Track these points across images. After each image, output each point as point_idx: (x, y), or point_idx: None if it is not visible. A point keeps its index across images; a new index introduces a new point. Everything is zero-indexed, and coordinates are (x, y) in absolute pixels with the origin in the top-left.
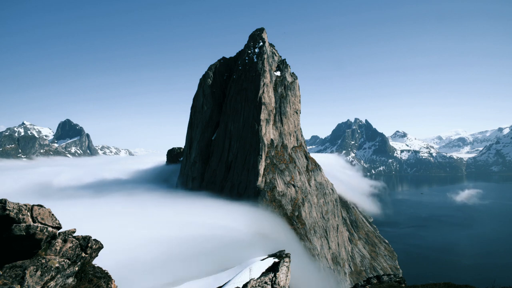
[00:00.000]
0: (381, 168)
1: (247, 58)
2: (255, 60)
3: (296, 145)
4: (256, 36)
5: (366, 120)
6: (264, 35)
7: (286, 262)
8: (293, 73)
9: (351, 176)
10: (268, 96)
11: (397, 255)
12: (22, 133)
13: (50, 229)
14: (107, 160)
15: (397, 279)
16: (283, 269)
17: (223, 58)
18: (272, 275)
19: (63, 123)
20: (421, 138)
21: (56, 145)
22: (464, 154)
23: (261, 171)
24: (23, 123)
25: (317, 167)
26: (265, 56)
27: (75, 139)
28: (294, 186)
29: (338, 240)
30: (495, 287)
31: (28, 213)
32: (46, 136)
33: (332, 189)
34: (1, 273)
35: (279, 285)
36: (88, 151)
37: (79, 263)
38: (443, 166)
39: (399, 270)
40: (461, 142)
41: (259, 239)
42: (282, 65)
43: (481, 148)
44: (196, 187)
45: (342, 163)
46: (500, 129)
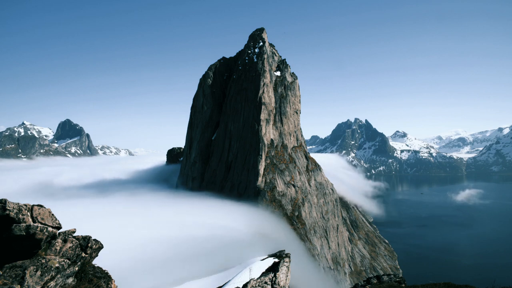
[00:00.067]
0: (381, 168)
1: (247, 58)
2: (255, 60)
3: (296, 145)
4: (256, 36)
5: (366, 120)
6: (264, 35)
7: (286, 262)
8: (293, 73)
9: (351, 176)
10: (268, 96)
11: (397, 255)
12: (22, 133)
13: (50, 229)
14: (107, 160)
15: (397, 279)
16: (283, 269)
17: (223, 58)
18: (272, 275)
19: (63, 123)
20: (421, 138)
21: (56, 145)
22: (464, 154)
23: (261, 171)
24: (23, 123)
25: (317, 167)
26: (265, 56)
27: (75, 139)
28: (294, 186)
29: (338, 240)
30: (495, 287)
31: (28, 213)
32: (46, 136)
33: (332, 189)
34: (1, 273)
35: (279, 285)
36: (88, 151)
37: (79, 263)
38: (443, 166)
39: (399, 270)
40: (461, 142)
41: (259, 239)
42: (282, 65)
43: (481, 148)
44: (196, 187)
45: (342, 163)
46: (500, 129)
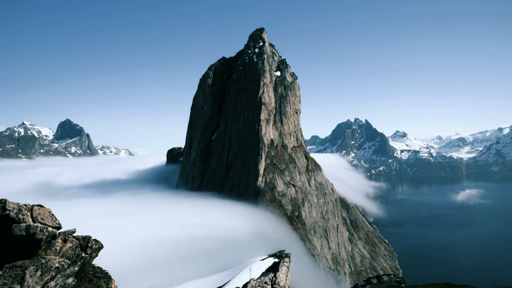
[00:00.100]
0: (381, 168)
1: (247, 58)
2: (255, 60)
3: (296, 145)
4: (256, 36)
5: (366, 120)
6: (264, 35)
7: (286, 262)
8: (293, 73)
9: (351, 176)
10: (268, 96)
11: (397, 255)
12: (22, 133)
13: (50, 229)
14: (107, 160)
15: (397, 279)
16: (283, 269)
17: (223, 58)
18: (272, 275)
19: (63, 123)
20: (421, 138)
21: (56, 145)
22: (464, 154)
23: (261, 171)
24: (23, 123)
25: (317, 167)
26: (265, 56)
27: (75, 139)
28: (294, 186)
29: (338, 240)
30: (495, 287)
31: (28, 213)
32: (46, 136)
33: (332, 189)
34: (1, 273)
35: (279, 285)
36: (88, 151)
37: (79, 263)
38: (443, 166)
39: (399, 270)
40: (461, 142)
41: (259, 239)
42: (282, 65)
43: (481, 148)
44: (196, 187)
45: (342, 163)
46: (500, 129)
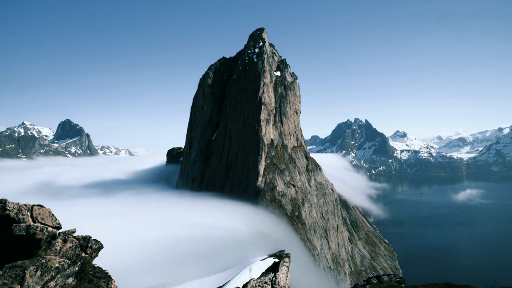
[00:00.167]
0: (381, 168)
1: (247, 58)
2: (255, 60)
3: (296, 145)
4: (256, 36)
5: (366, 120)
6: (264, 35)
7: (286, 262)
8: (293, 73)
9: (351, 176)
10: (268, 96)
11: (397, 255)
12: (22, 133)
13: (50, 229)
14: (107, 160)
15: (397, 279)
16: (283, 269)
17: (223, 58)
18: (272, 275)
19: (63, 123)
20: (421, 138)
21: (56, 145)
22: (464, 154)
23: (261, 171)
24: (23, 123)
25: (317, 167)
26: (265, 56)
27: (75, 139)
28: (294, 186)
29: (338, 240)
30: (495, 287)
31: (28, 213)
32: (46, 136)
33: (332, 189)
34: (1, 273)
35: (279, 285)
36: (88, 151)
37: (79, 263)
38: (443, 166)
39: (399, 270)
40: (461, 142)
41: (259, 239)
42: (282, 65)
43: (481, 148)
44: (196, 187)
45: (342, 163)
46: (500, 129)
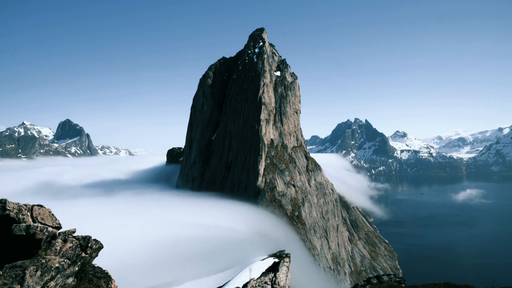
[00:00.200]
0: (381, 168)
1: (247, 58)
2: (255, 60)
3: (296, 145)
4: (256, 36)
5: (366, 120)
6: (264, 35)
7: (286, 262)
8: (293, 73)
9: (351, 176)
10: (268, 96)
11: (397, 255)
12: (22, 133)
13: (50, 229)
14: (107, 160)
15: (397, 279)
16: (283, 269)
17: (223, 58)
18: (272, 275)
19: (63, 123)
20: (421, 138)
21: (56, 145)
22: (464, 154)
23: (261, 171)
24: (23, 123)
25: (317, 167)
26: (265, 56)
27: (75, 139)
28: (294, 186)
29: (338, 240)
30: (495, 287)
31: (28, 213)
32: (46, 136)
33: (332, 189)
34: (1, 273)
35: (279, 285)
36: (88, 151)
37: (79, 263)
38: (443, 166)
39: (399, 270)
40: (461, 142)
41: (259, 239)
42: (282, 65)
43: (481, 148)
44: (196, 187)
45: (342, 163)
46: (500, 129)
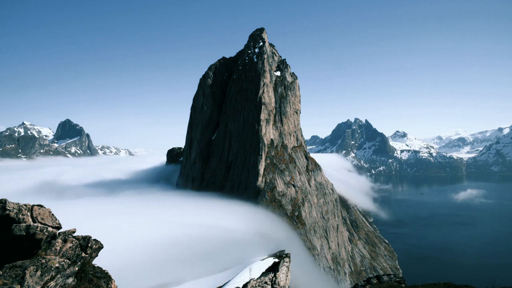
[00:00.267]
0: (381, 168)
1: (247, 58)
2: (255, 60)
3: (296, 145)
4: (256, 36)
5: (366, 120)
6: (264, 35)
7: (286, 262)
8: (293, 73)
9: (351, 176)
10: (268, 96)
11: (397, 255)
12: (22, 133)
13: (50, 229)
14: (107, 160)
15: (397, 279)
16: (283, 269)
17: (223, 58)
18: (272, 275)
19: (63, 123)
20: (421, 138)
21: (56, 145)
22: (464, 154)
23: (261, 171)
24: (23, 123)
25: (317, 167)
26: (265, 56)
27: (75, 139)
28: (294, 186)
29: (338, 240)
30: (495, 287)
31: (28, 213)
32: (46, 136)
33: (332, 189)
34: (1, 273)
35: (279, 285)
36: (88, 151)
37: (79, 263)
38: (443, 166)
39: (399, 270)
40: (461, 142)
41: (259, 239)
42: (282, 65)
43: (481, 148)
44: (196, 187)
45: (342, 163)
46: (500, 129)
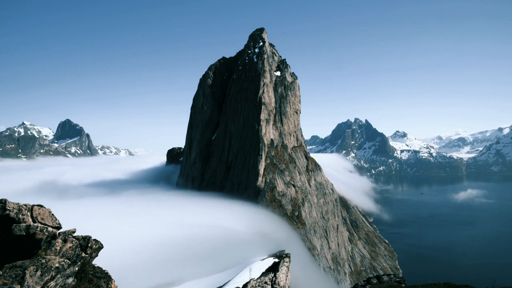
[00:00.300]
0: (381, 168)
1: (247, 58)
2: (255, 60)
3: (296, 145)
4: (256, 36)
5: (366, 120)
6: (264, 35)
7: (286, 262)
8: (293, 73)
9: (351, 176)
10: (268, 96)
11: (397, 255)
12: (22, 133)
13: (50, 229)
14: (107, 160)
15: (397, 279)
16: (283, 269)
17: (223, 58)
18: (272, 275)
19: (63, 123)
20: (421, 138)
21: (56, 145)
22: (464, 154)
23: (261, 171)
24: (23, 123)
25: (317, 167)
26: (265, 56)
27: (75, 139)
28: (294, 186)
29: (338, 240)
30: (495, 287)
31: (28, 213)
32: (46, 136)
33: (332, 189)
34: (1, 273)
35: (279, 285)
36: (88, 151)
37: (79, 263)
38: (443, 166)
39: (399, 270)
40: (461, 142)
41: (259, 239)
42: (282, 65)
43: (481, 148)
44: (196, 187)
45: (342, 163)
46: (500, 129)
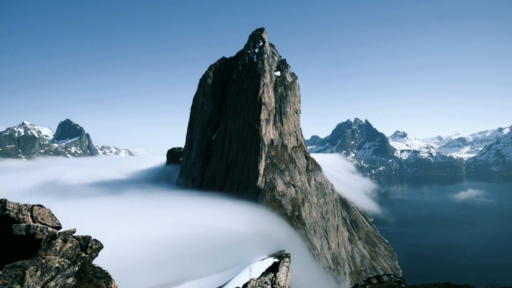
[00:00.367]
0: (381, 168)
1: (247, 58)
2: (255, 60)
3: (296, 145)
4: (256, 36)
5: (366, 120)
6: (264, 35)
7: (286, 262)
8: (293, 73)
9: (351, 176)
10: (268, 96)
11: (397, 255)
12: (22, 133)
13: (50, 229)
14: (107, 160)
15: (397, 279)
16: (283, 269)
17: (223, 58)
18: (272, 275)
19: (63, 123)
20: (421, 138)
21: (56, 145)
22: (464, 154)
23: (261, 171)
24: (23, 123)
25: (317, 167)
26: (265, 56)
27: (75, 139)
28: (294, 186)
29: (338, 240)
30: (495, 287)
31: (28, 213)
32: (46, 136)
33: (332, 189)
34: (1, 273)
35: (279, 285)
36: (88, 151)
37: (79, 263)
38: (443, 166)
39: (399, 270)
40: (461, 142)
41: (259, 239)
42: (282, 65)
43: (481, 148)
44: (196, 187)
45: (342, 163)
46: (500, 129)
